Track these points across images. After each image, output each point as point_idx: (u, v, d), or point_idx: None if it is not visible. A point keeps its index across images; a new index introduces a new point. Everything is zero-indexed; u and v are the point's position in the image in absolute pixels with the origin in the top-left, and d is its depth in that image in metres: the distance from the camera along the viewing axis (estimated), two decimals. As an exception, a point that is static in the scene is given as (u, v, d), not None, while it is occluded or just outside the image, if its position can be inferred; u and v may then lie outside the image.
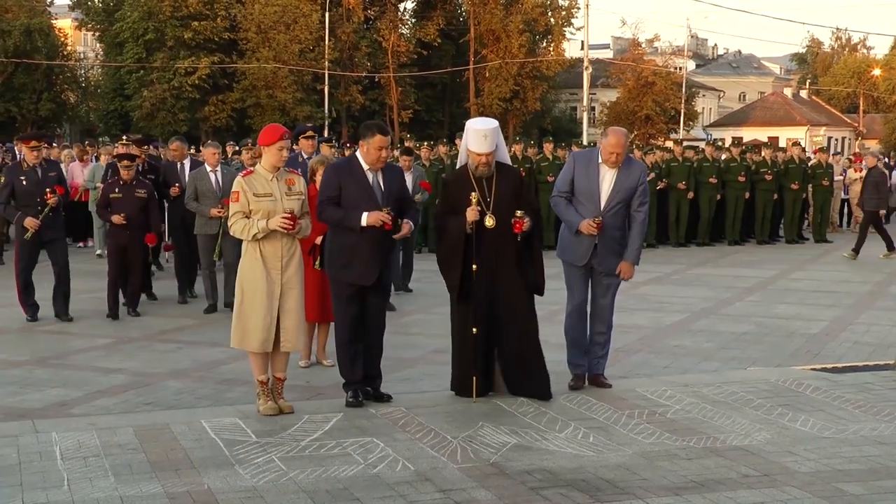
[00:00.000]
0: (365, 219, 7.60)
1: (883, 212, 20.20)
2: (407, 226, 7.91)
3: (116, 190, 12.36)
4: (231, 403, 8.24)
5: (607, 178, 8.23)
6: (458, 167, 8.40)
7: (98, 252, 18.16)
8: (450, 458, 6.53)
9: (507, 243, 7.94)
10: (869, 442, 7.00)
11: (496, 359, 8.13)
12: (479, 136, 7.88)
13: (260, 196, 7.53)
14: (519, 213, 7.83)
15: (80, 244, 20.33)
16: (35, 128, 50.10)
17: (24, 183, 11.66)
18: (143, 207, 12.38)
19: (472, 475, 6.20)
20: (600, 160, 8.25)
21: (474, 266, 7.87)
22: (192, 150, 18.34)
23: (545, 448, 6.80)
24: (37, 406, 8.28)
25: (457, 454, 6.59)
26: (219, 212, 12.13)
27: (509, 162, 8.40)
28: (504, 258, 7.95)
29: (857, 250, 19.34)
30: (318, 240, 8.89)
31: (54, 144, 23.93)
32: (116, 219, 12.17)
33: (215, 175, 12.63)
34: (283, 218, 7.44)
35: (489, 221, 7.83)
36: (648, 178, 21.23)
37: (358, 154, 7.92)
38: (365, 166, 7.80)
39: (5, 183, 11.85)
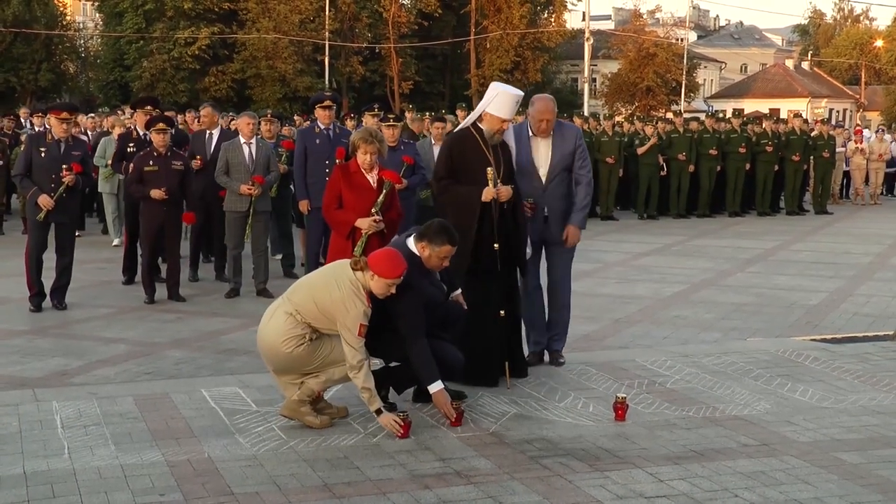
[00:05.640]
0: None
1: None
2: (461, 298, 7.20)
3: (151, 162, 11.25)
4: (231, 373, 8.24)
5: (542, 149, 7.98)
6: (459, 129, 7.85)
7: (115, 242, 15.79)
8: (449, 427, 6.54)
9: (511, 218, 7.64)
10: (867, 412, 7.01)
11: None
12: (511, 102, 7.47)
13: None
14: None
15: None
16: (35, 98, 50.05)
17: (43, 155, 10.67)
18: (180, 181, 11.38)
19: (472, 444, 6.21)
20: (531, 133, 7.99)
21: (496, 245, 7.48)
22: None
23: (545, 417, 6.81)
24: (37, 375, 8.29)
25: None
26: (248, 189, 11.39)
27: (511, 139, 7.90)
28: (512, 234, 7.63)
29: None
30: (360, 223, 8.01)
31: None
32: (157, 193, 11.07)
33: (249, 148, 11.64)
34: (397, 424, 6.32)
35: (505, 194, 7.45)
36: (649, 146, 21.41)
37: None
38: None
39: (24, 152, 10.99)
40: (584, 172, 8.07)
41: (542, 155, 7.98)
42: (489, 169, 7.43)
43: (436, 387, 6.50)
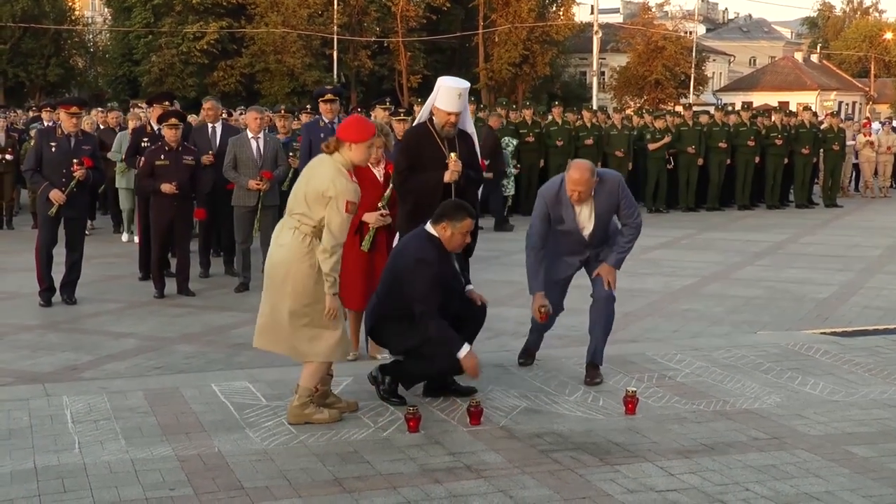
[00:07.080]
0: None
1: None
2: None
3: (162, 157, 11.33)
4: (241, 367, 8.26)
5: (584, 211, 7.49)
6: (416, 124, 8.14)
7: (124, 238, 16.05)
8: (459, 421, 6.54)
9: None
10: (878, 405, 7.00)
11: None
12: (454, 95, 7.68)
13: None
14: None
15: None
16: (44, 94, 50.12)
17: (53, 150, 10.69)
18: (191, 176, 11.44)
19: (482, 438, 6.21)
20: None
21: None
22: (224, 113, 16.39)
23: (555, 411, 6.81)
24: (48, 370, 8.31)
25: (466, 418, 6.59)
26: (257, 184, 11.28)
27: (472, 128, 8.13)
28: None
29: None
30: (367, 217, 8.05)
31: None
32: (167, 187, 11.14)
33: (257, 142, 11.53)
34: (332, 313, 6.47)
35: (453, 162, 7.63)
36: (660, 143, 21.36)
37: None
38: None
39: (34, 147, 10.99)
40: (632, 221, 7.61)
41: (585, 216, 7.52)
42: (452, 154, 7.61)
43: (464, 350, 6.58)
